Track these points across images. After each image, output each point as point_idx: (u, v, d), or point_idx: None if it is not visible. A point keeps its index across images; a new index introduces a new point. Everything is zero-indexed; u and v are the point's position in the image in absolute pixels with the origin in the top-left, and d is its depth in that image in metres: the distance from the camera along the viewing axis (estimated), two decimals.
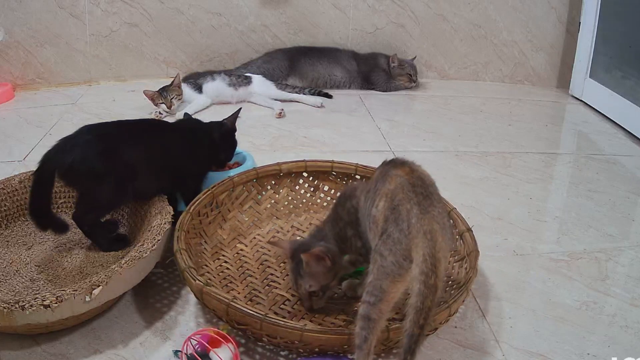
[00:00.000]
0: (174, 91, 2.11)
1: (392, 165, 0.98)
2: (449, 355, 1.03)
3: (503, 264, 1.31)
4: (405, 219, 0.86)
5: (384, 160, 1.02)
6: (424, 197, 0.89)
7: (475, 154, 1.90)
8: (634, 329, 1.11)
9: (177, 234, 1.12)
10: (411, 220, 0.86)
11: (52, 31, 2.38)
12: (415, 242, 0.84)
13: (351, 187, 1.10)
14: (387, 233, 0.87)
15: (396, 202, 0.89)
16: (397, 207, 0.88)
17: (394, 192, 0.90)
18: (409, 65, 2.53)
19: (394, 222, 0.87)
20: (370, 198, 0.96)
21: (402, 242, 0.85)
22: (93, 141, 1.19)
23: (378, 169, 1.02)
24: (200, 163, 1.39)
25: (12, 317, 0.92)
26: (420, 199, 0.88)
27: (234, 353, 0.93)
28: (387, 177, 0.94)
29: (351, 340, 0.91)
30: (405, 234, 0.85)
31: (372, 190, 0.96)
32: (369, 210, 0.95)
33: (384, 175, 0.96)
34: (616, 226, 1.49)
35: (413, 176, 0.93)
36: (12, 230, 1.33)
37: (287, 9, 2.55)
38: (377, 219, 0.91)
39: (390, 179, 0.93)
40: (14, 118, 2.10)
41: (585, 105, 2.45)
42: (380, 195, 0.92)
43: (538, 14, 2.62)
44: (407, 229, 0.85)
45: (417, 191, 0.90)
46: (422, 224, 0.85)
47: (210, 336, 0.94)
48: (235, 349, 0.93)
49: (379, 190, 0.93)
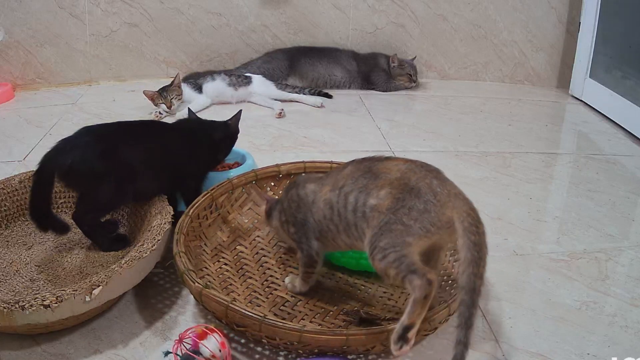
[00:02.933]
0: (174, 91, 2.11)
1: (372, 160, 1.03)
2: (449, 355, 1.02)
3: (503, 264, 1.31)
4: (429, 192, 0.93)
5: (352, 160, 1.06)
6: (437, 172, 0.98)
7: (475, 154, 1.90)
8: (634, 329, 1.11)
9: (177, 237, 1.12)
10: (436, 189, 0.93)
11: (52, 31, 2.38)
12: (449, 205, 0.91)
13: (304, 178, 1.13)
14: (407, 206, 0.92)
15: (413, 183, 0.94)
16: (415, 186, 0.94)
17: (404, 178, 0.95)
18: (409, 65, 2.53)
19: (416, 197, 0.92)
20: (351, 192, 0.99)
21: (431, 210, 0.91)
22: (93, 142, 1.19)
23: (348, 167, 1.04)
24: (200, 163, 1.39)
25: (12, 317, 0.93)
26: (435, 174, 0.97)
27: (220, 341, 0.94)
28: (379, 170, 0.98)
29: (350, 341, 0.92)
30: (433, 203, 0.92)
31: (357, 187, 0.99)
32: (358, 203, 0.97)
33: (368, 172, 1.00)
34: (616, 226, 1.49)
35: (415, 161, 1.00)
36: (12, 230, 1.33)
37: (287, 9, 2.55)
38: (380, 206, 0.94)
39: (386, 170, 0.98)
40: (14, 118, 2.10)
41: (585, 105, 2.45)
42: (378, 187, 0.96)
43: (538, 14, 2.62)
44: (435, 199, 0.92)
45: (429, 169, 0.98)
46: (449, 190, 0.94)
47: (198, 332, 0.95)
48: (220, 337, 0.94)
49: (374, 184, 0.97)
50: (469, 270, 0.86)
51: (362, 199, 0.97)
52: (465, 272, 0.86)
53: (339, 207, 1.01)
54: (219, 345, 0.93)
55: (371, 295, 1.16)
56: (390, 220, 0.92)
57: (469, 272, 0.85)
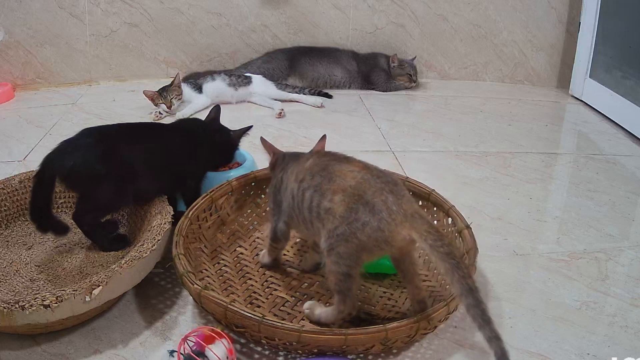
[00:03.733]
0: (173, 91, 2.11)
1: (331, 158, 1.04)
2: (449, 355, 1.03)
3: (503, 264, 1.31)
4: (384, 209, 0.93)
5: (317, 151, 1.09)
6: (393, 185, 0.97)
7: (475, 154, 1.90)
8: (634, 329, 1.11)
9: (176, 239, 1.12)
10: (392, 207, 0.93)
11: (52, 31, 2.38)
12: (405, 225, 0.92)
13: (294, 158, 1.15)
14: (361, 221, 0.93)
15: (368, 197, 0.94)
16: (369, 201, 0.94)
17: (359, 189, 0.96)
18: (409, 65, 2.53)
19: (370, 213, 0.93)
20: (308, 189, 1.01)
21: (385, 230, 0.92)
22: (93, 144, 1.20)
23: (310, 160, 1.06)
24: (200, 163, 1.39)
25: (12, 317, 0.93)
26: (391, 187, 0.96)
27: (228, 348, 0.93)
28: (334, 172, 1.00)
29: (349, 341, 0.92)
30: (387, 222, 0.92)
31: (312, 185, 1.01)
32: (313, 202, 1.00)
33: (324, 170, 1.01)
34: (616, 226, 1.49)
35: (371, 169, 1.00)
36: (12, 230, 1.33)
37: (287, 9, 2.55)
38: (334, 210, 0.96)
39: (341, 174, 0.99)
40: (14, 118, 2.10)
41: (585, 105, 2.45)
42: (332, 190, 0.97)
43: (538, 14, 2.62)
44: (390, 217, 0.93)
45: (384, 180, 0.98)
46: (405, 210, 0.94)
47: (205, 334, 0.94)
48: (229, 343, 0.94)
49: (328, 186, 0.98)
50: (455, 276, 0.87)
51: (316, 200, 0.99)
52: (454, 280, 0.87)
53: (297, 200, 1.04)
54: (227, 352, 0.93)
55: (371, 295, 1.16)
56: (345, 232, 0.94)
57: (456, 277, 0.87)
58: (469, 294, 0.85)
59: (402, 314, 1.09)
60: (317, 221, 1.00)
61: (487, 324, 0.83)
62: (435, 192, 1.31)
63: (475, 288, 0.86)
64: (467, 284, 0.86)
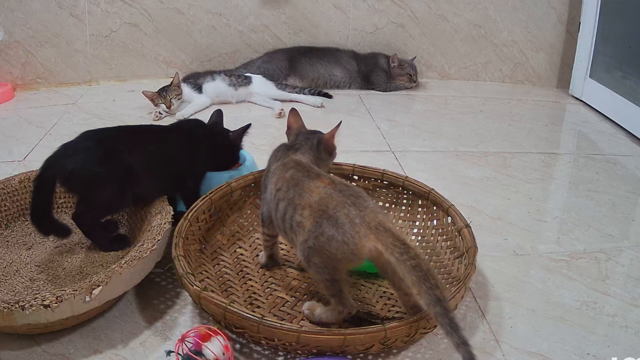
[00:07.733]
0: (173, 91, 2.11)
1: (305, 175, 1.05)
2: (448, 355, 1.03)
3: (503, 264, 1.31)
4: (346, 222, 0.94)
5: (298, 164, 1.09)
6: (355, 197, 0.98)
7: (475, 154, 1.90)
8: (634, 329, 1.11)
9: (175, 241, 1.12)
10: (354, 220, 0.94)
11: (52, 31, 2.38)
12: (370, 237, 0.93)
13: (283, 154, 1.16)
14: (326, 236, 0.95)
15: (331, 212, 0.96)
16: (332, 215, 0.95)
17: (322, 204, 0.98)
18: (409, 65, 2.53)
19: (334, 227, 0.95)
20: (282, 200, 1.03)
21: (349, 243, 0.93)
22: (93, 147, 1.20)
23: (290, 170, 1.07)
24: (199, 163, 1.39)
25: (12, 317, 0.93)
26: (353, 200, 0.97)
27: (224, 344, 0.94)
28: (304, 188, 1.01)
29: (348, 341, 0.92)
30: (351, 235, 0.93)
31: (287, 198, 1.03)
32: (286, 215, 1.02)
33: (297, 185, 1.03)
34: (616, 226, 1.49)
35: (336, 184, 1.01)
36: (12, 230, 1.33)
37: (287, 9, 2.55)
38: (304, 224, 0.98)
39: (309, 190, 1.01)
40: (14, 118, 2.10)
41: (585, 105, 2.45)
42: (302, 206, 0.99)
43: (538, 14, 2.62)
44: (353, 230, 0.94)
45: (346, 193, 0.99)
46: (369, 222, 0.94)
47: (201, 333, 0.95)
48: (225, 340, 0.94)
49: (299, 201, 1.00)
50: (423, 287, 0.87)
51: (289, 212, 1.02)
52: (422, 291, 0.87)
53: (273, 207, 1.07)
54: (222, 348, 0.93)
55: (371, 295, 1.16)
56: (315, 245, 0.96)
57: (424, 289, 0.87)
58: (437, 304, 0.86)
59: (402, 313, 1.09)
60: (290, 232, 1.03)
61: (455, 331, 0.85)
62: (434, 191, 1.31)
63: (443, 298, 0.87)
64: (434, 295, 0.86)
